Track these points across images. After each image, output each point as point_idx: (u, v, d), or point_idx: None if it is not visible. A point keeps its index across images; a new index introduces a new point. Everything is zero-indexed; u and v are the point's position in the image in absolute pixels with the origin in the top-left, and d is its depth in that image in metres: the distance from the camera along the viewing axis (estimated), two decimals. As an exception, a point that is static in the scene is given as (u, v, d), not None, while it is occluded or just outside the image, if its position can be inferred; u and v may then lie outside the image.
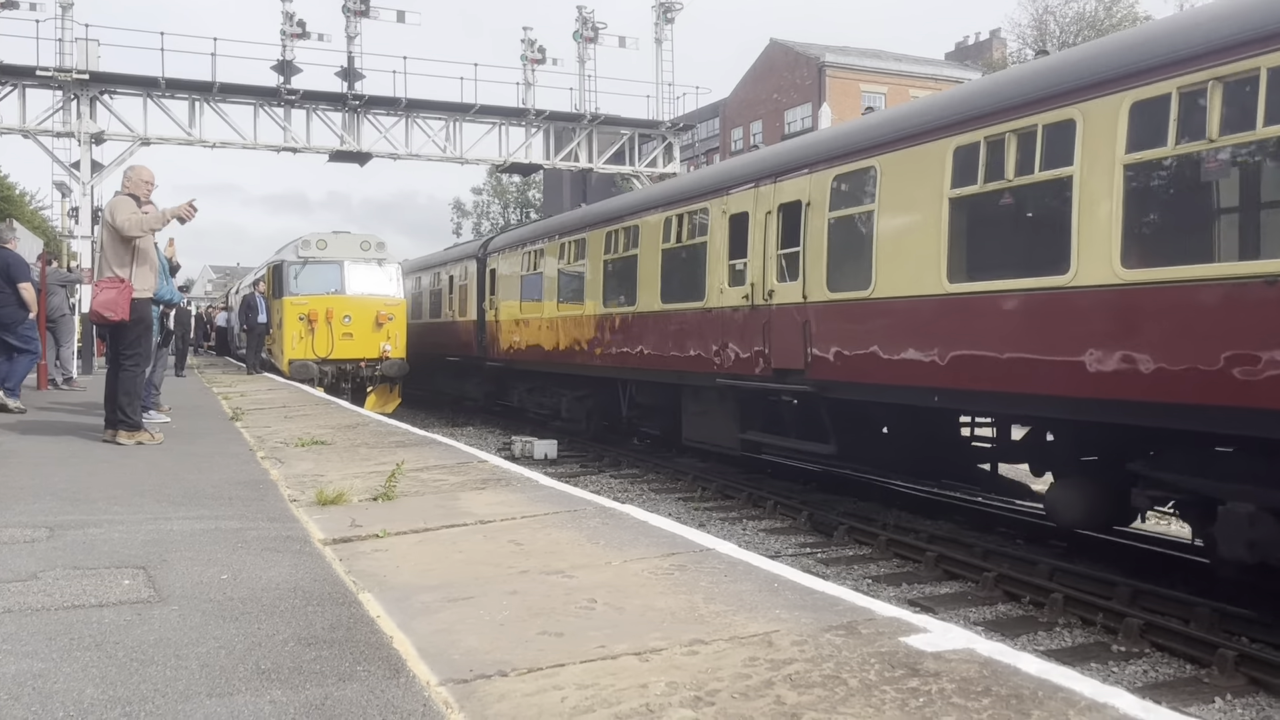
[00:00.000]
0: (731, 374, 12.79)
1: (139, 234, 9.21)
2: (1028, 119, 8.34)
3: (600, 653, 3.44)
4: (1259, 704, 6.24)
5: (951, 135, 9.19)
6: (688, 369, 14.06)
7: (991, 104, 8.85)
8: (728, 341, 12.90)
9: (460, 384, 27.29)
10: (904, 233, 9.84)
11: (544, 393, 21.23)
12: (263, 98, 27.96)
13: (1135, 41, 7.95)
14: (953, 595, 8.89)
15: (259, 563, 4.75)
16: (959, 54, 63.43)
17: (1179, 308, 6.99)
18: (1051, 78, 8.42)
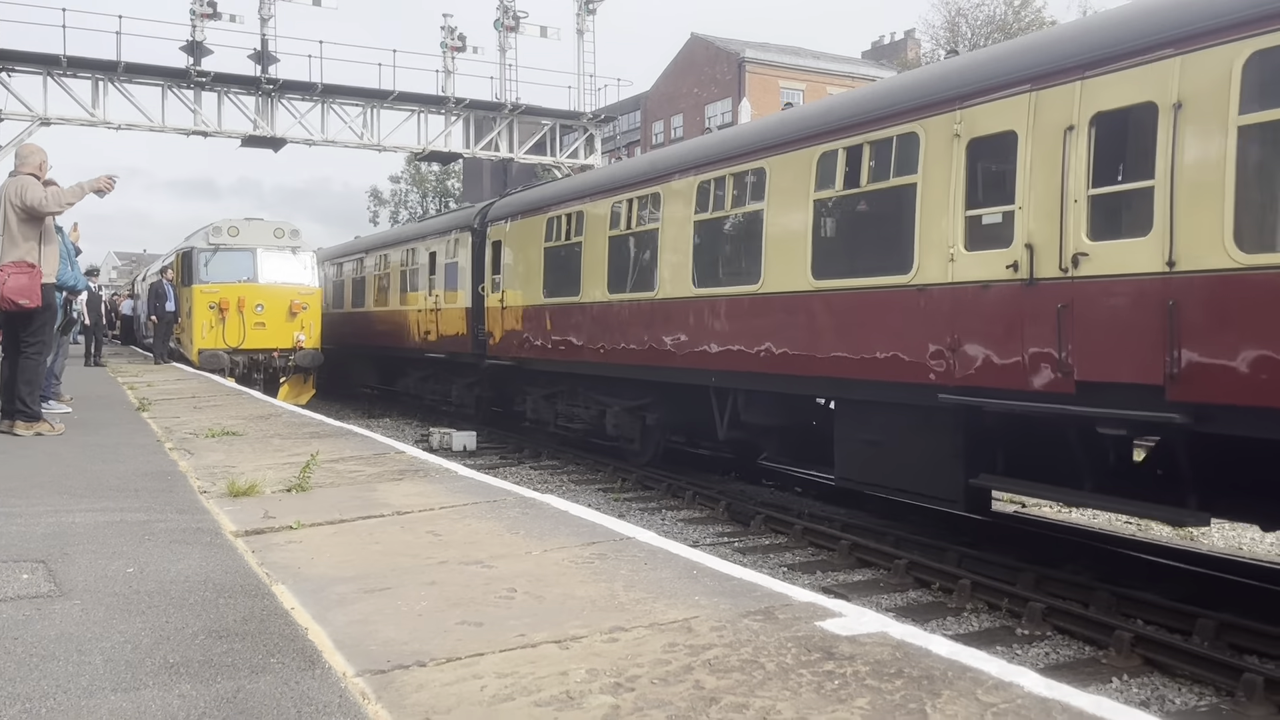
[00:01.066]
0: (971, 387, 8.40)
1: (58, 209, 8.86)
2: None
3: (520, 641, 3.44)
4: (1153, 683, 6.51)
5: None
6: (864, 376, 9.56)
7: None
8: (963, 337, 8.47)
9: (435, 387, 22.76)
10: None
11: (573, 400, 16.25)
12: (171, 79, 27.06)
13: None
14: (866, 582, 9.08)
15: (167, 555, 4.62)
16: (875, 53, 64.56)
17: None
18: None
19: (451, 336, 20.30)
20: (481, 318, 18.79)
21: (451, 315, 20.43)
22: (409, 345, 22.95)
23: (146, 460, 7.79)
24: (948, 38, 51.62)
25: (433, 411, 23.51)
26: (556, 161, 31.73)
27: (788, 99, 52.01)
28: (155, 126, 27.22)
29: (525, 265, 17.04)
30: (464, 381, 20.89)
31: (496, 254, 18.33)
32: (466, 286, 19.68)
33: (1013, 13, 49.55)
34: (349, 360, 28.42)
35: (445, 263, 20.93)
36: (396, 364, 25.06)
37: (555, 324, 15.83)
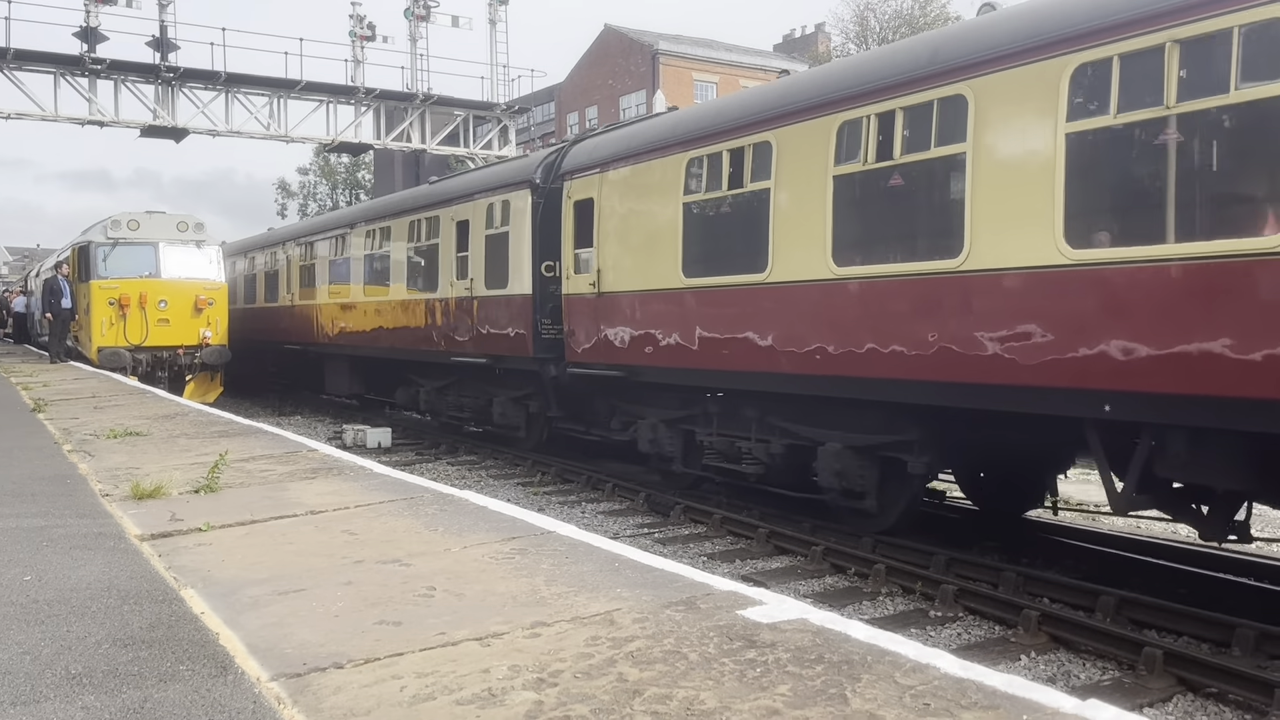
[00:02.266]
0: None
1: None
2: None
3: (440, 640, 3.39)
4: (1060, 659, 6.73)
5: None
6: None
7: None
8: None
9: (463, 400, 17.02)
10: None
11: (731, 426, 10.90)
12: (64, 66, 25.97)
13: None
14: (784, 569, 9.20)
15: (67, 562, 4.45)
16: (786, 46, 65.31)
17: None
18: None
19: (497, 335, 14.63)
20: (550, 308, 13.54)
21: (496, 306, 14.70)
22: (423, 346, 17.07)
23: (43, 463, 7.48)
24: (857, 31, 52.56)
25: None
26: (470, 152, 31.39)
27: (701, 91, 52.32)
28: (48, 116, 26.12)
29: (643, 232, 11.46)
30: (513, 394, 15.19)
31: (584, 219, 12.65)
32: (525, 266, 13.91)
33: (919, 8, 50.64)
34: (312, 364, 23.62)
35: (487, 235, 14.99)
36: (395, 370, 19.24)
37: (707, 315, 10.56)
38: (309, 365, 23.99)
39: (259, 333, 26.36)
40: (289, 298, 24.45)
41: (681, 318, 10.92)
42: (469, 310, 15.43)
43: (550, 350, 13.61)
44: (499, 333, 14.66)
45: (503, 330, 14.56)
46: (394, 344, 18.31)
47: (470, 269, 15.39)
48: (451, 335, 16.04)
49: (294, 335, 23.99)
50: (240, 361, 27.22)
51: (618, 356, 12.02)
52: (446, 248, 16.31)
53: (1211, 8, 6.28)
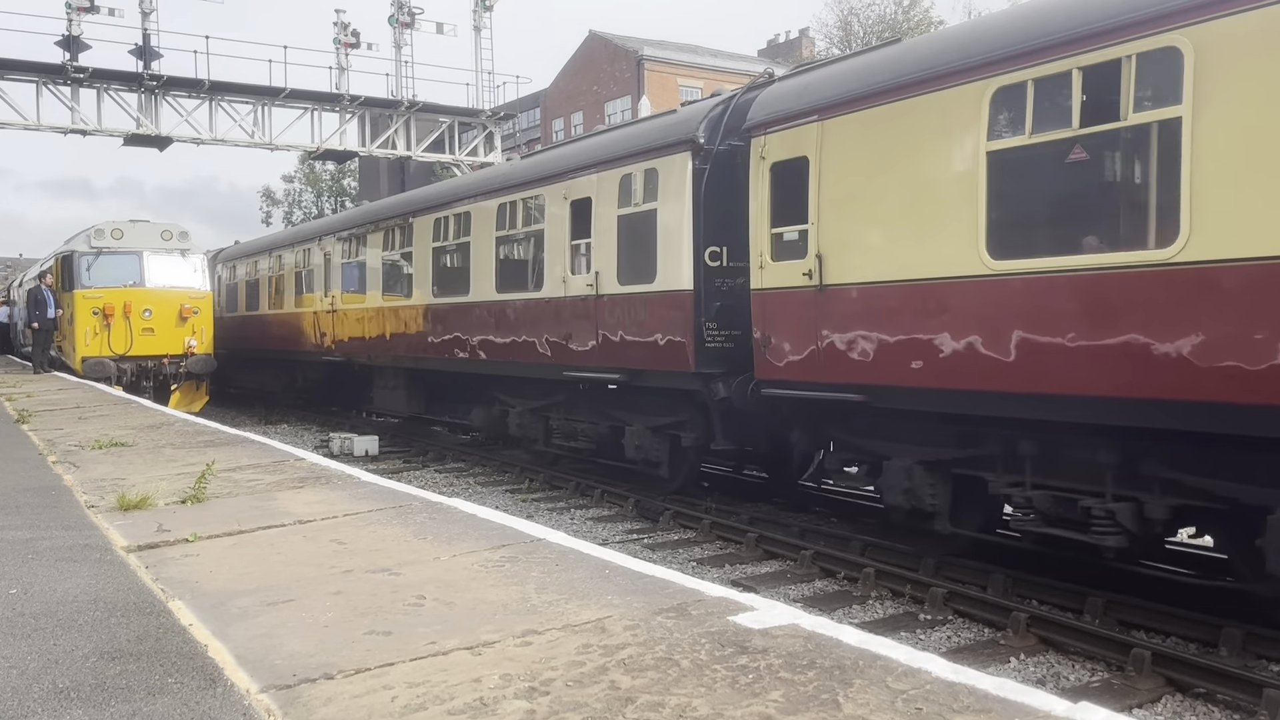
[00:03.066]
0: None
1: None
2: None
3: (431, 649, 3.38)
4: (1049, 661, 6.76)
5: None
6: None
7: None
8: None
9: (570, 425, 13.71)
10: None
11: (1055, 469, 7.58)
12: (46, 75, 25.82)
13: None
14: (774, 574, 9.20)
15: (53, 574, 4.41)
16: (770, 51, 65.49)
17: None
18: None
19: (636, 343, 11.45)
20: (717, 309, 10.64)
21: (634, 306, 11.52)
22: (518, 358, 13.84)
23: (28, 475, 7.43)
24: (841, 36, 52.72)
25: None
26: (456, 159, 31.35)
27: (686, 97, 52.45)
28: (30, 125, 25.97)
29: (904, 199, 8.25)
30: (655, 420, 11.88)
31: (789, 186, 9.47)
32: (682, 254, 10.75)
33: (902, 12, 50.86)
34: (356, 379, 20.80)
35: (621, 215, 11.78)
36: (473, 386, 16.04)
37: (1033, 314, 7.27)
38: (352, 380, 21.06)
39: (278, 343, 23.74)
40: (326, 302, 20.80)
41: (980, 319, 7.55)
42: (591, 312, 12.14)
43: (717, 363, 10.49)
44: (639, 340, 11.34)
45: (645, 337, 11.23)
46: (473, 355, 14.91)
47: (594, 260, 12.10)
48: (564, 344, 12.66)
49: (333, 345, 20.51)
50: (251, 372, 26.03)
51: (853, 372, 8.66)
52: (556, 235, 12.86)
53: None
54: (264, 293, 25.17)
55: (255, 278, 26.01)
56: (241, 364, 27.31)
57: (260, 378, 25.90)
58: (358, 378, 20.51)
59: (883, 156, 8.50)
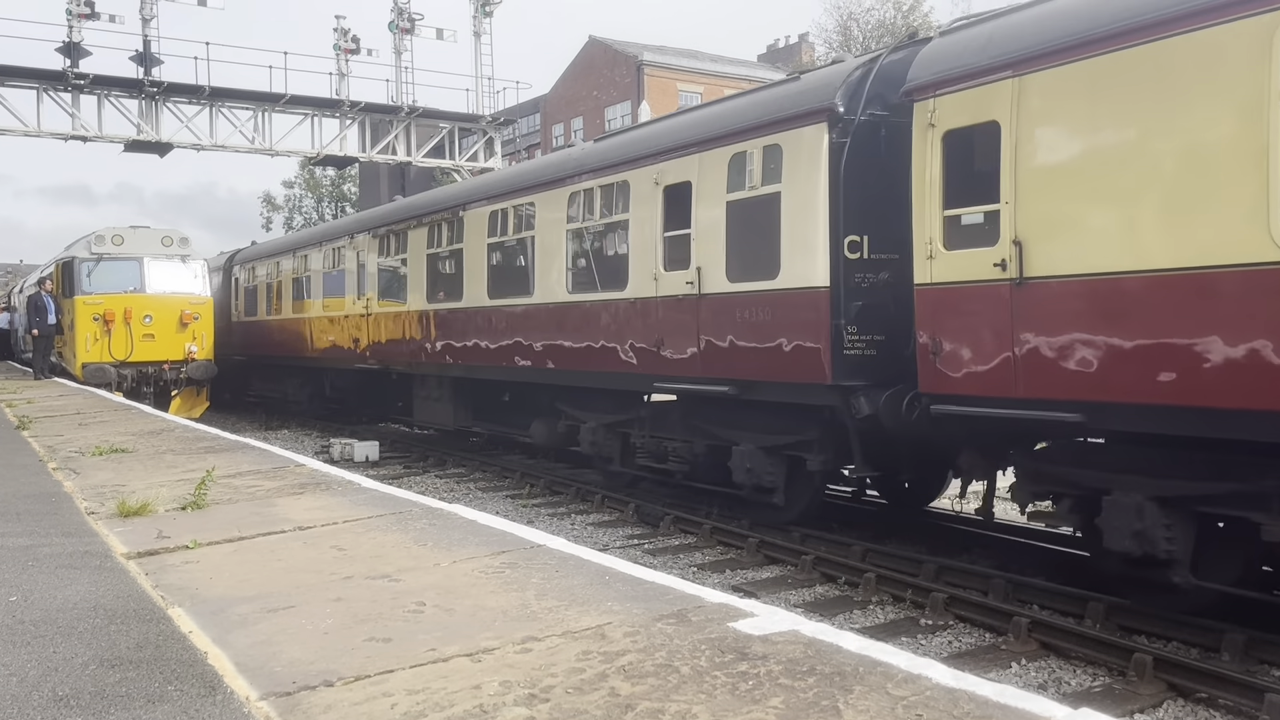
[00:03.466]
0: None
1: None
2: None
3: (431, 656, 3.38)
4: (1050, 666, 6.74)
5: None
6: None
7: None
8: None
9: (693, 452, 11.40)
10: None
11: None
12: (47, 81, 25.88)
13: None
14: (774, 579, 9.19)
15: (53, 581, 4.41)
16: (770, 56, 65.58)
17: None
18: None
19: (751, 350, 9.68)
20: (858, 309, 8.96)
21: (749, 307, 9.78)
22: (594, 366, 12.10)
23: (28, 481, 7.43)
24: (840, 41, 52.81)
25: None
26: (456, 165, 31.40)
27: (685, 102, 52.51)
28: (30, 131, 26.03)
29: (1152, 166, 6.66)
30: (770, 439, 10.08)
31: (969, 157, 8.20)
32: (815, 244, 9.05)
33: (901, 16, 50.96)
34: (395, 388, 19.22)
35: (732, 201, 10.01)
36: (534, 396, 14.54)
37: None
38: (389, 389, 19.54)
39: (304, 349, 21.92)
40: (359, 305, 19.03)
41: (1269, 318, 5.92)
42: (690, 314, 10.42)
43: (858, 373, 8.87)
44: (754, 346, 9.62)
45: (763, 343, 9.52)
46: (537, 363, 13.13)
47: (695, 253, 10.35)
48: (654, 351, 10.93)
49: (368, 352, 18.64)
50: (272, 380, 24.94)
51: (1066, 386, 7.05)
52: (644, 226, 11.14)
53: None
54: (287, 295, 23.35)
55: (277, 279, 24.12)
56: (261, 371, 26.07)
57: (282, 386, 24.59)
58: (396, 387, 18.96)
59: (1115, 115, 6.80)
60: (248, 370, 26.47)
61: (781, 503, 10.10)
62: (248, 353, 25.73)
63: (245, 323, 26.41)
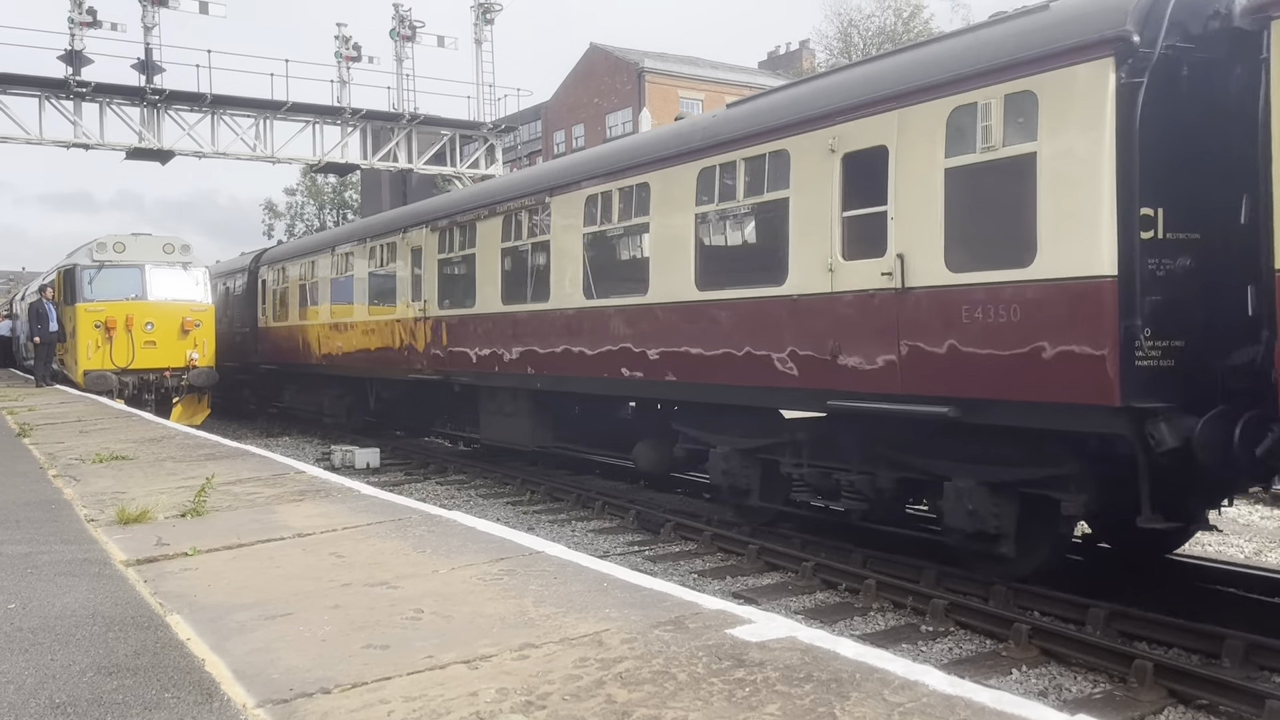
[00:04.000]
0: None
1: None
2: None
3: (428, 663, 3.38)
4: (1051, 673, 6.73)
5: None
6: None
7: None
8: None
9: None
10: None
11: None
12: (49, 90, 25.94)
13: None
14: (774, 586, 9.18)
15: (52, 589, 4.41)
16: (771, 63, 65.70)
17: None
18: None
19: (989, 359, 7.57)
20: (1158, 305, 6.89)
21: (977, 306, 7.66)
22: (735, 379, 9.95)
23: (29, 488, 7.43)
24: (841, 48, 52.93)
25: (334, 429, 19.13)
26: (457, 172, 31.45)
27: (687, 109, 52.59)
28: (33, 139, 26.09)
29: None
30: (1003, 473, 7.97)
31: None
32: (1091, 220, 6.94)
33: (902, 23, 51.07)
34: (456, 401, 17.13)
35: (953, 167, 7.87)
36: (646, 412, 12.86)
37: None
38: (449, 402, 17.61)
39: (345, 357, 19.81)
40: (415, 309, 16.70)
41: None
42: (885, 313, 8.30)
43: (1157, 391, 6.79)
44: (991, 354, 7.46)
45: (1006, 349, 7.36)
46: (652, 374, 11.04)
47: (895, 236, 8.18)
48: (829, 359, 8.78)
49: (424, 362, 16.41)
50: (305, 391, 23.05)
51: None
52: (811, 203, 8.99)
53: None
54: (324, 298, 21.13)
55: (312, 281, 21.82)
56: (292, 381, 23.84)
57: (317, 397, 22.11)
58: (456, 400, 16.87)
59: None
60: (276, 381, 24.82)
61: (1011, 553, 7.96)
62: (278, 361, 23.76)
63: (275, 328, 24.06)
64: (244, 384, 26.60)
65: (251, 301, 25.97)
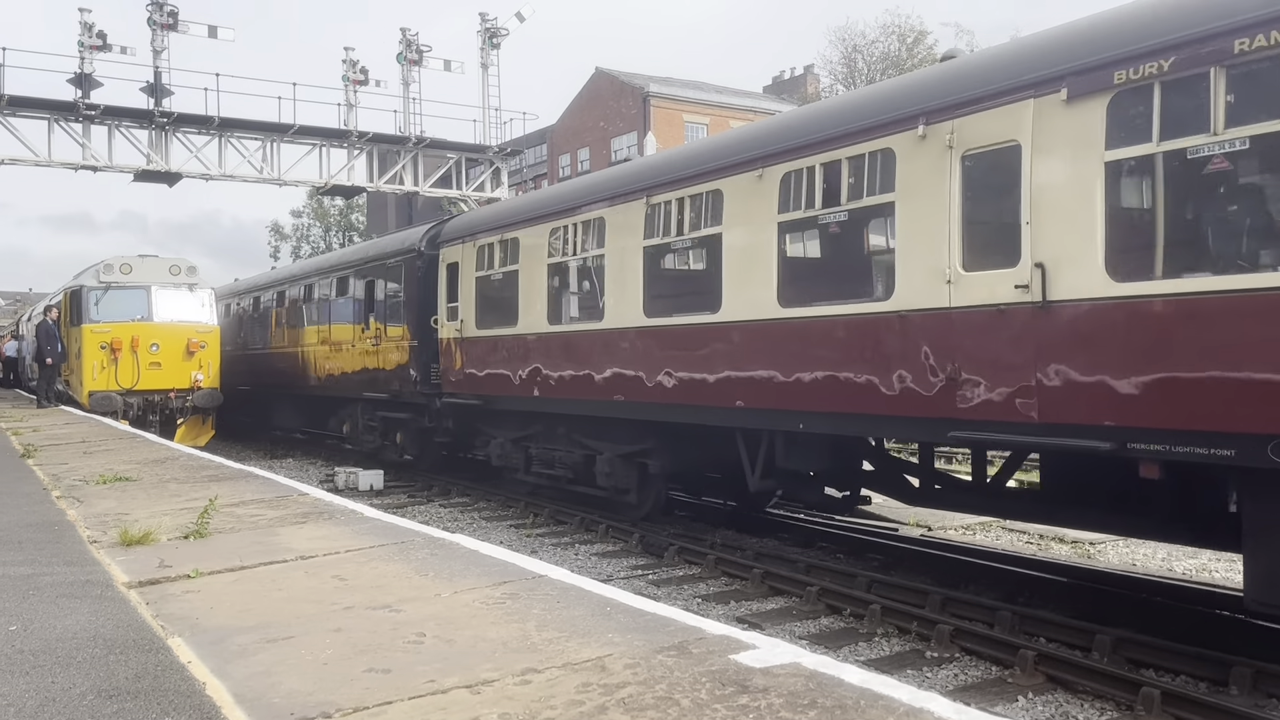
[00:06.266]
0: None
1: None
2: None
3: (430, 688, 3.36)
4: (1057, 700, 6.67)
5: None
6: None
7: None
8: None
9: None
10: None
11: None
12: (58, 112, 26.12)
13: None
14: (779, 610, 9.13)
15: (54, 611, 4.40)
16: (776, 87, 66.02)
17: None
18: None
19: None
20: None
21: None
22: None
23: (32, 509, 7.43)
24: (845, 73, 53.22)
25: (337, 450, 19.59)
26: (463, 195, 31.58)
27: (692, 133, 52.81)
28: (41, 161, 26.23)
29: None
30: None
31: None
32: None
33: (906, 49, 51.34)
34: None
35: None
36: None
37: None
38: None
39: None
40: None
41: None
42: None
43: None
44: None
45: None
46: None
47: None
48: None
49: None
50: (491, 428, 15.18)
51: None
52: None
53: None
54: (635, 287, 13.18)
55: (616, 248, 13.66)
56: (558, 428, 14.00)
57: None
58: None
59: None
60: (484, 423, 15.55)
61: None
62: (480, 394, 14.81)
63: (484, 340, 14.71)
64: (412, 430, 17.93)
65: (423, 299, 16.76)
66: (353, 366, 19.76)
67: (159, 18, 27.08)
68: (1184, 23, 6.23)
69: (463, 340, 15.25)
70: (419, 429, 17.67)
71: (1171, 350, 6.18)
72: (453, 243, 15.95)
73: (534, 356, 13.18)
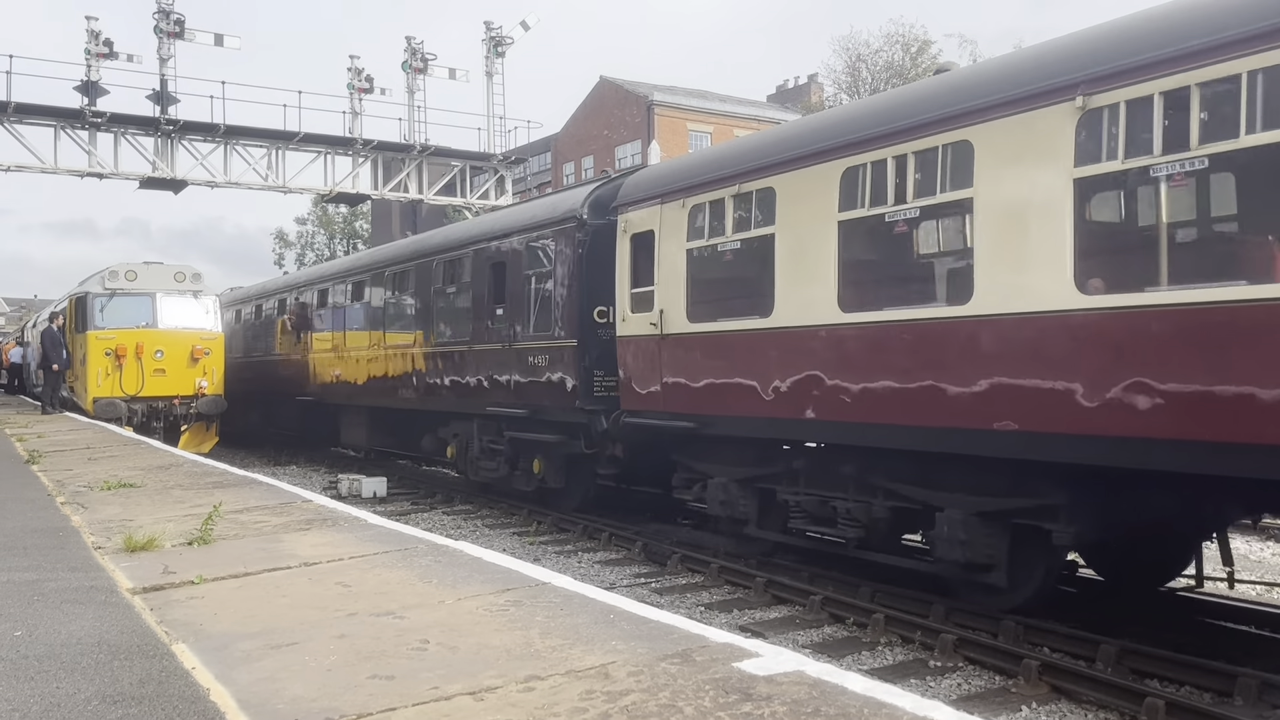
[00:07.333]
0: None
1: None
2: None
3: (433, 694, 3.36)
4: (1061, 710, 6.66)
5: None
6: None
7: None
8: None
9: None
10: None
11: None
12: (65, 119, 26.26)
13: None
14: (782, 619, 9.12)
15: (58, 616, 4.41)
16: (780, 96, 66.11)
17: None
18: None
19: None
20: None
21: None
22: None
23: (36, 516, 7.44)
24: (849, 82, 53.29)
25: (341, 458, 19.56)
26: (467, 203, 31.65)
27: (696, 142, 52.90)
28: (48, 168, 26.36)
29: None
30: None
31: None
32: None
33: (910, 59, 51.41)
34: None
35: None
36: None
37: None
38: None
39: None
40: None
41: None
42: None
43: None
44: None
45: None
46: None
47: None
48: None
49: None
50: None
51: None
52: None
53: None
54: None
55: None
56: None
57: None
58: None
59: None
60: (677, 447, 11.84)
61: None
62: (693, 412, 10.98)
63: (689, 337, 10.86)
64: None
65: (586, 284, 12.69)
66: (467, 375, 15.36)
67: (166, 26, 27.24)
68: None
69: (663, 339, 10.89)
70: (569, 455, 13.46)
71: None
72: (640, 204, 11.47)
73: (805, 360, 9.10)
